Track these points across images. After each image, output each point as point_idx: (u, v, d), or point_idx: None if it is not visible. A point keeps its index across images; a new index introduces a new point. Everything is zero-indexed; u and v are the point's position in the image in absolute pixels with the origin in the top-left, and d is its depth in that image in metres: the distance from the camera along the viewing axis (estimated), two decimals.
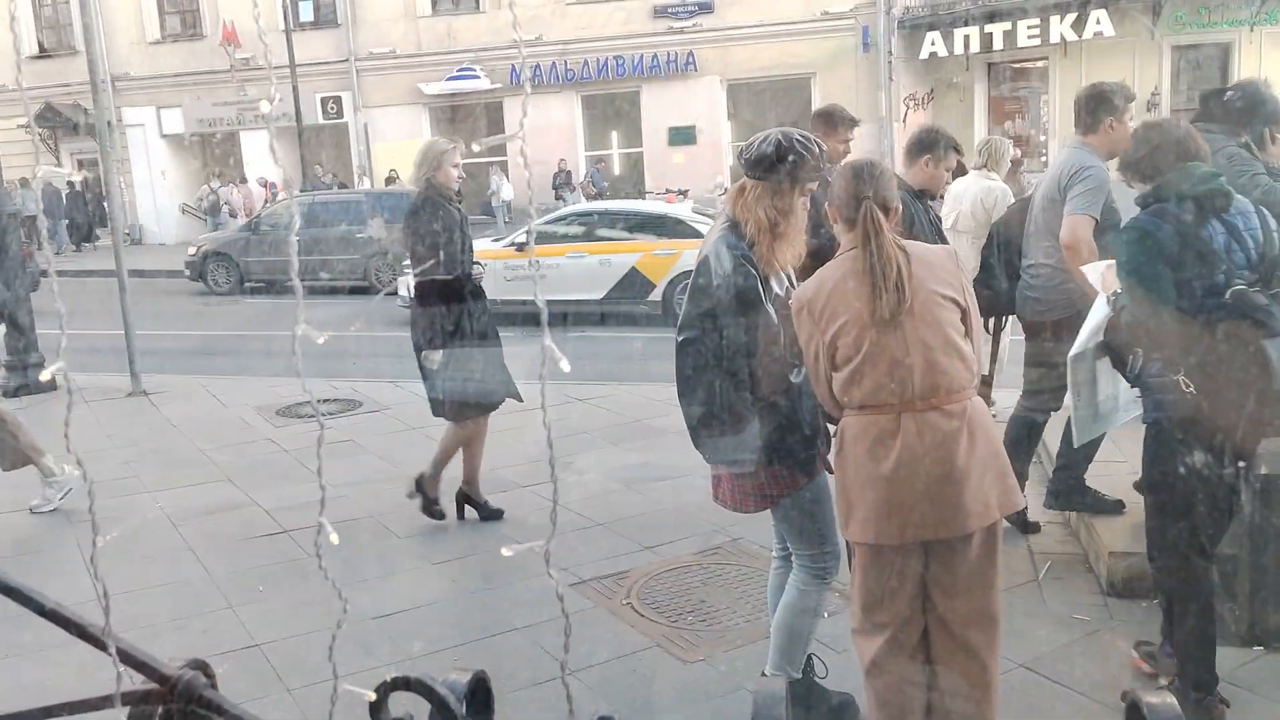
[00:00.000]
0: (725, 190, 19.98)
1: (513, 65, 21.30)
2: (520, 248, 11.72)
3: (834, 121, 4.78)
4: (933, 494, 2.55)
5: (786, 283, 3.03)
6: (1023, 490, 3.43)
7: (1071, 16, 18.97)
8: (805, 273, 2.95)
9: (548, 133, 22.02)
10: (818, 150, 2.92)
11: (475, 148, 23.31)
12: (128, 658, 0.91)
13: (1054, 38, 19.40)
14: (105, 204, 11.06)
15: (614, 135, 23.92)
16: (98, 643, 0.88)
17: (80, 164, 25.95)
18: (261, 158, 24.10)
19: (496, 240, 12.44)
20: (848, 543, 2.85)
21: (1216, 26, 19.18)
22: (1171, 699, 0.83)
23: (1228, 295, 2.92)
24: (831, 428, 2.86)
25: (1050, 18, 19.15)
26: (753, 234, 2.93)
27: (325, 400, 7.81)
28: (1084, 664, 3.49)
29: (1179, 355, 2.97)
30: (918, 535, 2.60)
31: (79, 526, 5.19)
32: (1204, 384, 2.93)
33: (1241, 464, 3.13)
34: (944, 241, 3.92)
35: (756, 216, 2.92)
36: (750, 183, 2.95)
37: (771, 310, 2.91)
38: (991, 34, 19.78)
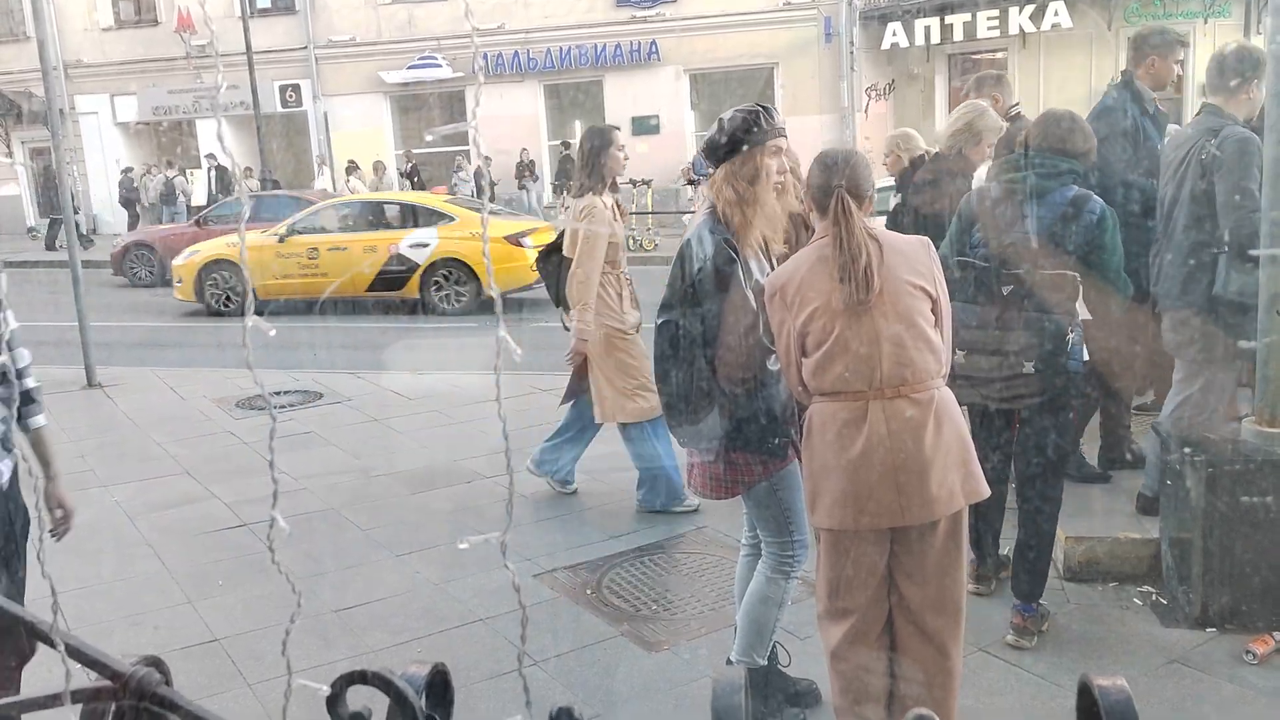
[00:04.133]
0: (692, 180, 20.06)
1: (473, 53, 21.16)
2: None
3: (1169, 41, 4.59)
4: (899, 481, 2.58)
5: (769, 268, 3.04)
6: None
7: (1030, 8, 19.16)
8: None
9: (510, 122, 21.89)
10: (756, 111, 2.94)
11: (428, 137, 23.14)
12: (78, 654, 0.89)
13: (1013, 29, 19.59)
14: (57, 194, 10.87)
15: (577, 124, 23.81)
16: (46, 639, 0.87)
17: (32, 153, 25.43)
18: (218, 146, 23.72)
19: None
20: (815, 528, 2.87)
21: (1171, 18, 19.42)
22: (1122, 681, 0.84)
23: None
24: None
25: (1009, 9, 19.32)
26: (725, 213, 2.95)
27: (286, 392, 7.74)
28: (1040, 646, 3.54)
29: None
30: (883, 522, 2.62)
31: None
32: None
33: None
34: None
35: (725, 196, 2.95)
36: (720, 169, 2.99)
37: (750, 295, 2.92)
38: (951, 25, 19.94)
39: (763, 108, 2.98)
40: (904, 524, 2.63)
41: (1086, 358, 3.80)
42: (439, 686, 0.87)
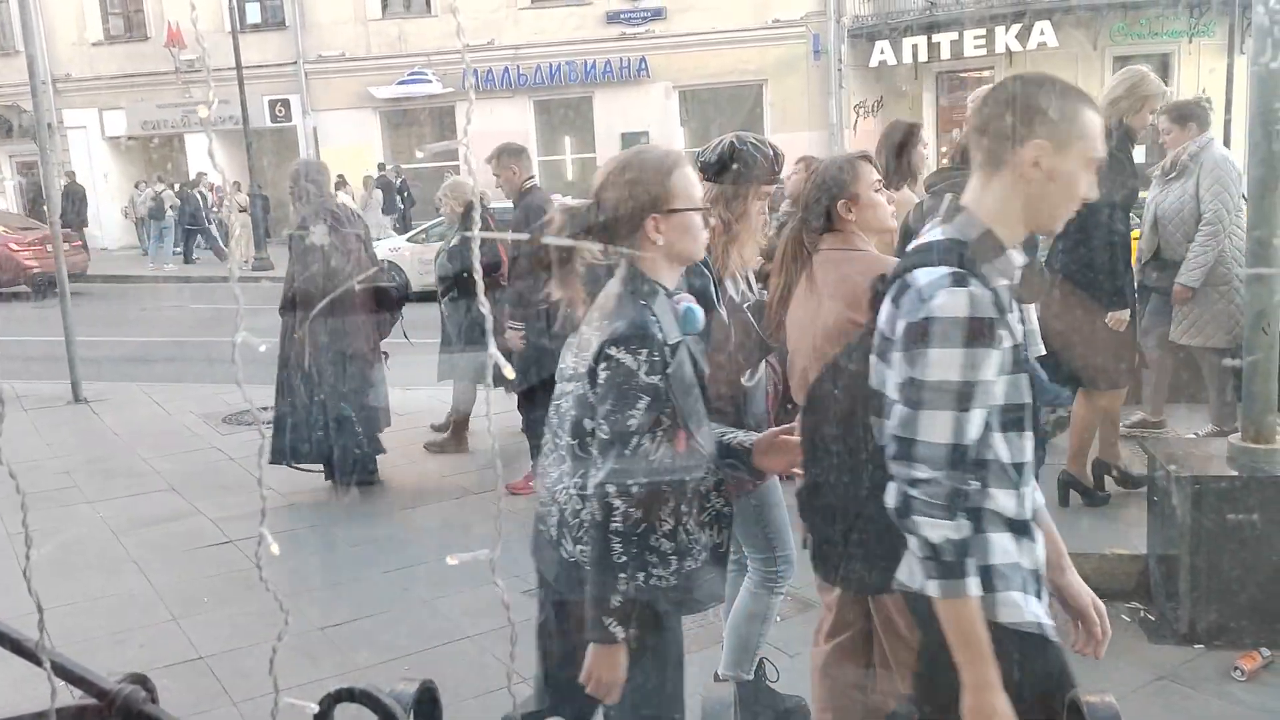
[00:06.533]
0: None
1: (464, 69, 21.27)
2: None
3: None
4: None
5: (744, 286, 3.05)
6: None
7: (1017, 27, 19.32)
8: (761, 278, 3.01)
9: (500, 138, 21.79)
10: (770, 153, 2.94)
11: (419, 154, 23.18)
12: (64, 672, 0.89)
13: (999, 48, 19.75)
14: (45, 207, 10.86)
15: (567, 140, 23.89)
16: (32, 657, 0.86)
17: (20, 167, 25.36)
18: (207, 161, 23.75)
19: None
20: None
21: (1156, 37, 19.64)
22: (1110, 698, 0.84)
23: None
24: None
25: (996, 29, 19.49)
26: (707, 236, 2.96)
27: (270, 407, 7.70)
28: None
29: None
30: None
31: (15, 539, 5.07)
32: None
33: None
34: None
35: (710, 220, 2.95)
36: (706, 186, 2.98)
37: (724, 313, 2.93)
38: (939, 44, 20.10)
39: (773, 147, 2.98)
40: None
41: (1040, 353, 3.89)
42: (427, 704, 0.87)
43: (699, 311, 2.09)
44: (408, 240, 14.81)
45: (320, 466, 5.63)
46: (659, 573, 2.07)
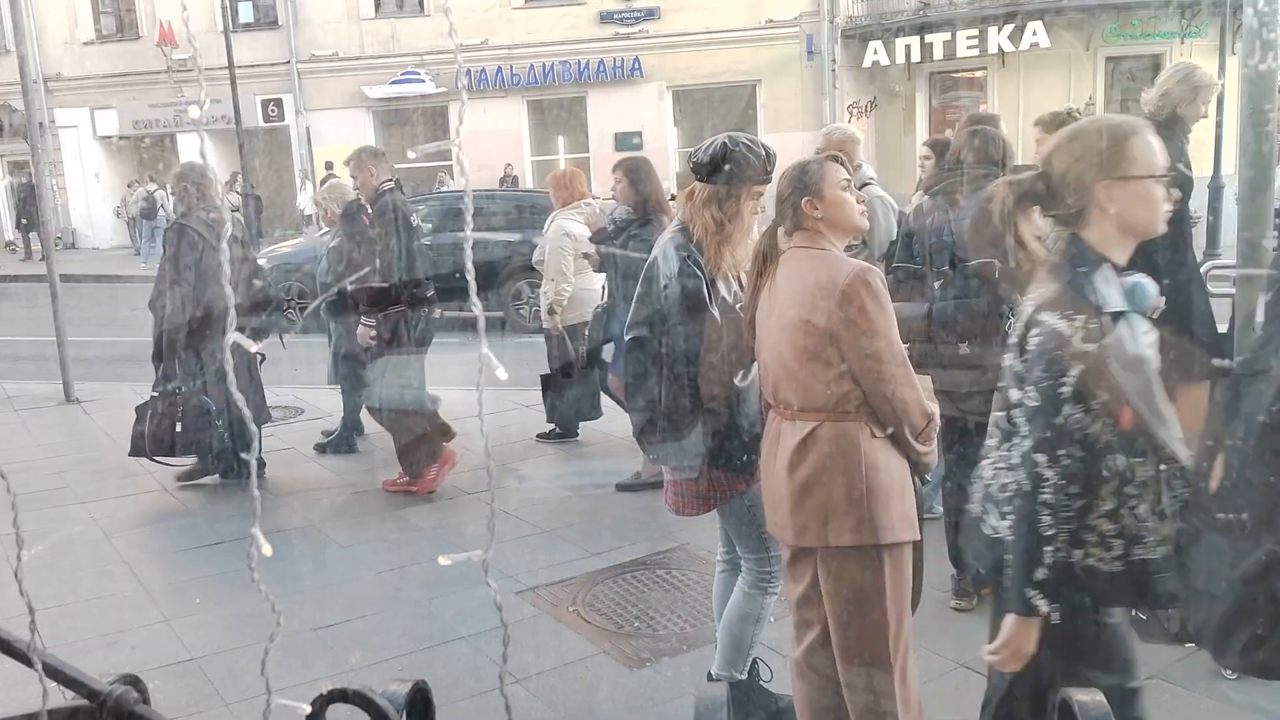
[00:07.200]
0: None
1: (457, 69, 21.24)
2: None
3: None
4: (776, 500, 2.63)
5: (735, 286, 3.05)
6: None
7: (1009, 28, 19.36)
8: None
9: (493, 137, 21.90)
10: (762, 154, 2.94)
11: (411, 154, 23.11)
12: (55, 673, 0.88)
13: (992, 48, 19.78)
14: (37, 207, 10.82)
15: (560, 140, 23.87)
16: (23, 658, 0.86)
17: (11, 166, 25.25)
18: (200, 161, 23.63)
19: None
20: None
21: (1148, 38, 19.68)
22: (1100, 697, 0.85)
23: None
24: None
25: (988, 29, 19.52)
26: (700, 236, 2.96)
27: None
28: None
29: None
30: (779, 535, 2.71)
31: (6, 539, 5.05)
32: None
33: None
34: None
35: (703, 219, 2.95)
36: (699, 186, 2.99)
37: (716, 313, 2.93)
38: (932, 44, 20.14)
39: (765, 148, 2.97)
40: (790, 543, 2.64)
41: None
42: (420, 705, 0.87)
43: (1150, 288, 1.96)
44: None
45: (187, 461, 5.75)
46: (1097, 554, 1.96)
